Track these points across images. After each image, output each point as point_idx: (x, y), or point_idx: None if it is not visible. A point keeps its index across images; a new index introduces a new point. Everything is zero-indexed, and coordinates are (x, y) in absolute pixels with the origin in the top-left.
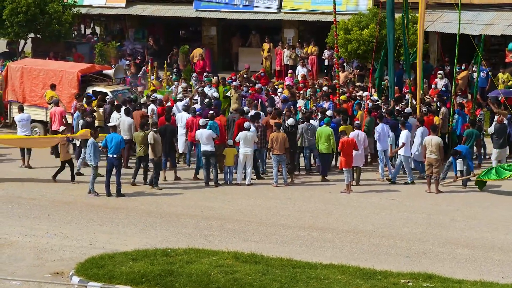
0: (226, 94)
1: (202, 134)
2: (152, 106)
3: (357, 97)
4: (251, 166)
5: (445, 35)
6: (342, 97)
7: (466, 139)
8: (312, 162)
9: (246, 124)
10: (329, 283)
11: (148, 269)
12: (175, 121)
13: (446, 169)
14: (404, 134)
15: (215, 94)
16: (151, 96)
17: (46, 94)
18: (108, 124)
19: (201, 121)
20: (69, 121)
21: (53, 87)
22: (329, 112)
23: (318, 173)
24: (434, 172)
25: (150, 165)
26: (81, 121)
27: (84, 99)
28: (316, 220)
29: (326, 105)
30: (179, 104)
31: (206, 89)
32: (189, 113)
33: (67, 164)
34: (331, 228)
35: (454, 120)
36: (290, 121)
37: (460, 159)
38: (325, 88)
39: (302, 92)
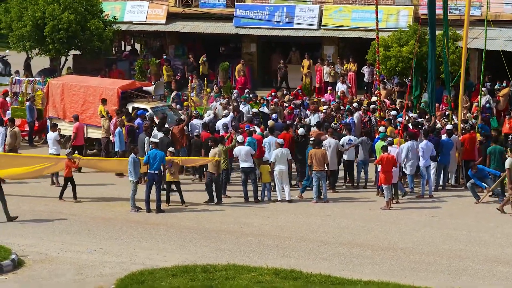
0: (261, 110)
1: (241, 151)
2: (196, 121)
3: (386, 115)
4: (287, 182)
5: (486, 52)
6: (376, 115)
7: (489, 157)
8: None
9: (280, 140)
10: None
11: (187, 285)
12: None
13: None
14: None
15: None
16: (194, 112)
17: (99, 109)
18: (150, 139)
19: (239, 137)
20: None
21: (104, 101)
22: (381, 128)
23: (355, 188)
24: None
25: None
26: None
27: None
28: (355, 236)
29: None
30: (224, 121)
31: (241, 106)
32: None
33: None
34: (370, 245)
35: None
36: (300, 131)
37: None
38: (355, 105)
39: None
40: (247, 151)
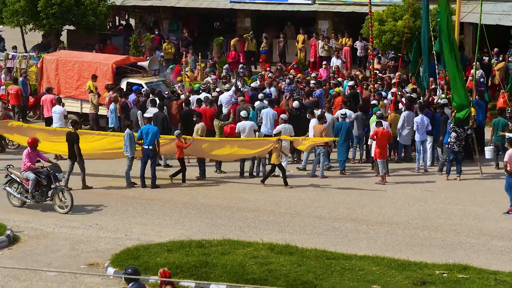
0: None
1: (245, 126)
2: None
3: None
4: (287, 159)
5: (481, 26)
6: (337, 89)
7: (493, 128)
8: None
9: (283, 116)
10: (364, 274)
11: (183, 260)
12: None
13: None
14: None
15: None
16: (202, 85)
17: (87, 85)
18: (144, 115)
19: (243, 112)
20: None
21: (94, 77)
22: (374, 102)
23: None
24: None
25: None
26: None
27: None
28: (350, 211)
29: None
30: (226, 95)
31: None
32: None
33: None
34: (365, 220)
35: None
36: (295, 104)
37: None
38: (339, 79)
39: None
40: (251, 126)
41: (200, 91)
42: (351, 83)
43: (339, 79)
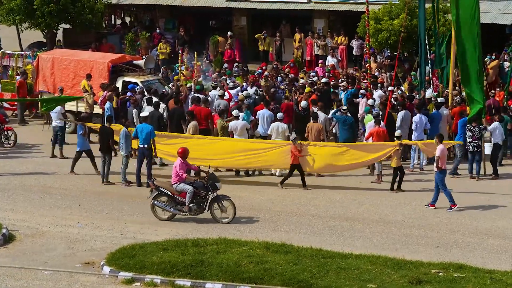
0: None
1: (237, 125)
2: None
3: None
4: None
5: None
6: (307, 89)
7: None
8: None
9: (280, 115)
10: (360, 273)
11: (178, 259)
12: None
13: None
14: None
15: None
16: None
17: (81, 84)
18: (140, 115)
19: (235, 111)
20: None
21: (88, 77)
22: (370, 101)
23: None
24: None
25: None
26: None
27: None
28: (346, 210)
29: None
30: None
31: (229, 80)
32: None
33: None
34: (361, 218)
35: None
36: (303, 103)
37: None
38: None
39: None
40: (243, 125)
41: (194, 92)
42: (324, 80)
43: (305, 78)
